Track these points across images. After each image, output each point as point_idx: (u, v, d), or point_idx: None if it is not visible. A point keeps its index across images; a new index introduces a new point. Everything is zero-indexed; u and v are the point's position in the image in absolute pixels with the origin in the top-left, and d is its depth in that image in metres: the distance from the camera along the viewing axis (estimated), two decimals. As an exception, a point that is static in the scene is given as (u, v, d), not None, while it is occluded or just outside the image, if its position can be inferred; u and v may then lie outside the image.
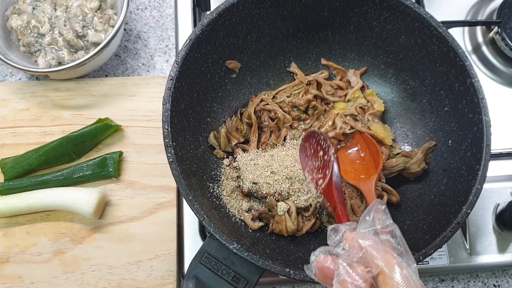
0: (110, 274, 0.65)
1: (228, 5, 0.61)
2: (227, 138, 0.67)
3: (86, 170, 0.69)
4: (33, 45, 0.73)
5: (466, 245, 0.69)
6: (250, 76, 0.71)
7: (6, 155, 0.70)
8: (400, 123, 0.71)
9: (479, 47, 0.85)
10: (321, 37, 0.71)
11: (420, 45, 0.64)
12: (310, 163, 0.57)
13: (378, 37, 0.68)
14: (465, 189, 0.56)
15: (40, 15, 0.73)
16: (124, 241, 0.67)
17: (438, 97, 0.65)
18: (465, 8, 0.87)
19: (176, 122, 0.57)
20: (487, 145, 0.56)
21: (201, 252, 0.54)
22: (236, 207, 0.63)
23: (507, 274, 0.72)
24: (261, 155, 0.66)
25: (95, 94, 0.75)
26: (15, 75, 0.79)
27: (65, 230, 0.67)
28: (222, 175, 0.66)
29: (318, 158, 0.55)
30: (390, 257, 0.37)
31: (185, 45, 0.59)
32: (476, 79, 0.59)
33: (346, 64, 0.73)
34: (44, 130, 0.72)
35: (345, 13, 0.67)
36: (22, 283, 0.64)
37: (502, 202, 0.71)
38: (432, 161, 0.66)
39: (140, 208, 0.69)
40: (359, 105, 0.69)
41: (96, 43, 0.72)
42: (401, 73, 0.69)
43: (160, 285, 0.65)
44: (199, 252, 0.54)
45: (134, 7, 0.84)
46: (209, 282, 0.53)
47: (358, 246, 0.38)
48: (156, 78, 0.77)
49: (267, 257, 0.51)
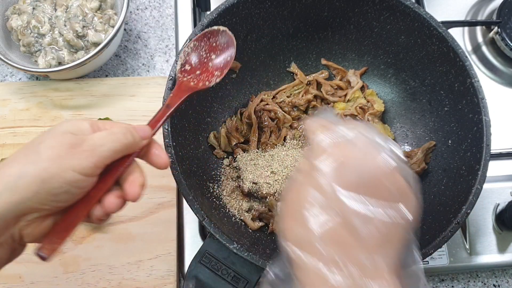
0: (110, 274, 0.65)
1: (228, 5, 0.61)
2: (227, 138, 0.67)
3: (86, 170, 0.69)
4: (33, 45, 0.73)
5: (466, 245, 0.69)
6: (250, 76, 0.71)
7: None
8: (400, 123, 0.71)
9: (479, 47, 0.85)
10: (321, 37, 0.71)
11: (420, 45, 0.64)
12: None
13: (378, 37, 0.68)
14: (465, 189, 0.56)
15: (40, 15, 0.73)
16: (124, 241, 0.67)
17: (438, 97, 0.65)
18: (465, 8, 0.87)
19: (176, 122, 0.57)
20: (487, 145, 0.56)
21: (201, 252, 0.54)
22: (236, 207, 0.63)
23: (507, 274, 0.72)
24: (261, 155, 0.66)
25: (95, 94, 0.75)
26: (15, 75, 0.79)
27: (65, 230, 0.67)
28: (222, 175, 0.66)
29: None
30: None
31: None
32: (476, 79, 0.59)
33: (346, 64, 0.73)
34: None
35: (345, 13, 0.67)
36: (22, 283, 0.64)
37: (502, 202, 0.71)
38: (432, 161, 0.66)
39: (140, 208, 0.69)
40: (359, 105, 0.69)
41: (96, 43, 0.72)
42: (401, 73, 0.69)
43: (160, 285, 0.65)
44: (199, 252, 0.54)
45: (134, 7, 0.84)
46: (209, 282, 0.53)
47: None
48: (156, 78, 0.77)
49: (267, 257, 0.51)
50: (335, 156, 0.37)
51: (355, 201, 0.35)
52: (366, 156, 0.37)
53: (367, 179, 0.36)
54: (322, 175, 0.36)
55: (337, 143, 0.38)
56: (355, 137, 0.38)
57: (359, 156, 0.37)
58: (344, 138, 0.38)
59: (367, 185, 0.36)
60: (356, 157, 0.37)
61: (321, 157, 0.37)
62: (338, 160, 0.37)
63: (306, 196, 0.36)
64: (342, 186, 0.35)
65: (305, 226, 0.35)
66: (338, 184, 0.35)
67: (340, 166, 0.36)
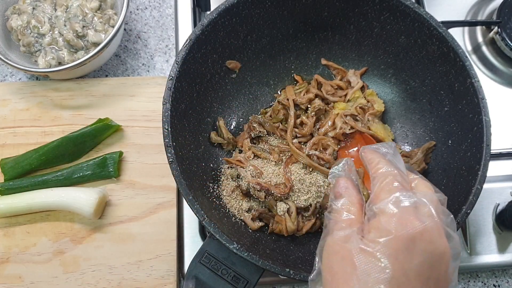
0: (110, 274, 0.65)
1: (228, 5, 0.61)
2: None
3: (86, 170, 0.69)
4: (33, 45, 0.73)
5: (466, 245, 0.69)
6: (250, 76, 0.71)
7: (6, 155, 0.70)
8: (400, 123, 0.71)
9: (479, 47, 0.85)
10: (321, 37, 0.71)
11: (420, 45, 0.64)
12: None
13: (378, 37, 0.68)
14: (465, 189, 0.56)
15: (40, 15, 0.73)
16: (124, 241, 0.67)
17: (438, 97, 0.65)
18: (465, 8, 0.87)
19: (176, 122, 0.57)
20: (487, 145, 0.56)
21: (201, 252, 0.54)
22: (236, 207, 0.63)
23: (507, 274, 0.72)
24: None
25: (95, 94, 0.75)
26: (15, 75, 0.79)
27: (65, 230, 0.67)
28: (222, 175, 0.66)
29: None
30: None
31: (185, 45, 0.59)
32: (476, 79, 0.59)
33: (346, 64, 0.73)
34: (44, 130, 0.72)
35: (345, 13, 0.67)
36: (22, 283, 0.64)
37: (502, 202, 0.71)
38: (432, 161, 0.66)
39: (140, 208, 0.69)
40: (359, 105, 0.69)
41: (96, 43, 0.72)
42: (401, 73, 0.69)
43: (160, 285, 0.65)
44: (199, 252, 0.54)
45: (134, 7, 0.84)
46: (209, 282, 0.53)
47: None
48: (156, 78, 0.77)
49: (267, 257, 0.51)
50: (400, 240, 0.36)
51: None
52: (432, 245, 0.36)
53: (427, 270, 0.36)
54: (383, 256, 0.35)
55: (403, 220, 0.37)
56: (424, 217, 0.37)
57: (424, 243, 0.36)
58: (413, 214, 0.37)
59: (425, 275, 0.35)
60: (422, 248, 0.36)
61: (384, 237, 0.36)
62: (401, 246, 0.36)
63: (361, 279, 0.35)
64: (400, 274, 0.35)
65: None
66: (395, 269, 0.35)
67: (402, 252, 0.35)
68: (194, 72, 0.62)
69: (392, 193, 0.38)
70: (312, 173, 0.64)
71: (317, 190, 0.62)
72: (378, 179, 0.40)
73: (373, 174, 0.42)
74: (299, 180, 0.63)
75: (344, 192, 0.42)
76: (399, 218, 0.37)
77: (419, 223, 0.36)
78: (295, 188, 0.62)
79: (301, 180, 0.62)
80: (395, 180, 0.39)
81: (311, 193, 0.62)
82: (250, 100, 0.72)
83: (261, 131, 0.67)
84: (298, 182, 0.62)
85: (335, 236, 0.39)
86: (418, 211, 0.38)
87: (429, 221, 0.37)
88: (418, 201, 0.38)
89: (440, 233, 0.37)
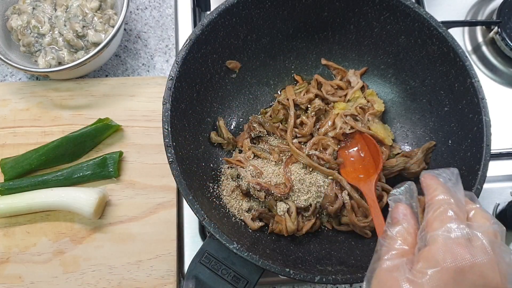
0: (110, 274, 0.65)
1: (228, 5, 0.61)
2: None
3: (86, 170, 0.69)
4: (33, 45, 0.73)
5: (466, 245, 0.69)
6: (250, 76, 0.71)
7: (6, 155, 0.70)
8: (400, 123, 0.71)
9: (479, 47, 0.85)
10: (321, 37, 0.71)
11: (420, 45, 0.64)
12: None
13: (378, 37, 0.68)
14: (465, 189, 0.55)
15: (40, 15, 0.73)
16: (124, 241, 0.67)
17: (438, 97, 0.65)
18: (465, 8, 0.87)
19: (176, 122, 0.57)
20: (487, 145, 0.56)
21: (201, 252, 0.54)
22: (236, 207, 0.63)
23: (507, 274, 0.72)
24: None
25: (95, 94, 0.75)
26: (15, 75, 0.79)
27: (65, 230, 0.67)
28: (222, 175, 0.66)
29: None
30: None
31: (185, 45, 0.59)
32: (476, 79, 0.59)
33: (346, 64, 0.73)
34: (44, 130, 0.72)
35: (345, 13, 0.67)
36: (22, 283, 0.64)
37: (502, 202, 0.71)
38: (432, 161, 0.66)
39: (140, 208, 0.69)
40: (359, 105, 0.69)
41: (96, 43, 0.72)
42: (401, 73, 0.69)
43: (160, 285, 0.65)
44: (199, 252, 0.54)
45: (134, 7, 0.84)
46: (209, 282, 0.53)
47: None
48: (156, 78, 0.77)
49: (267, 257, 0.51)
50: (448, 272, 0.35)
51: None
52: (483, 279, 0.35)
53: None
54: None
55: (453, 252, 0.36)
56: (476, 250, 0.36)
57: (475, 276, 0.35)
58: (465, 247, 0.36)
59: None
60: (472, 281, 0.35)
61: (432, 269, 0.35)
62: (449, 278, 0.35)
63: None
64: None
65: None
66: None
67: (450, 284, 0.35)
68: (194, 72, 0.62)
69: (445, 223, 0.38)
70: (312, 173, 0.64)
71: (317, 190, 0.62)
72: (433, 207, 0.39)
73: (428, 201, 0.41)
74: (299, 180, 0.63)
75: (401, 219, 0.41)
76: (449, 249, 0.36)
77: (469, 256, 0.35)
78: (295, 188, 0.62)
79: (301, 180, 0.62)
80: (449, 209, 0.38)
81: (311, 193, 0.62)
82: (250, 100, 0.72)
83: (261, 131, 0.67)
84: (298, 182, 0.62)
85: (384, 265, 0.39)
86: (470, 243, 0.37)
87: (480, 255, 0.36)
88: (471, 233, 0.37)
89: (493, 268, 0.36)
